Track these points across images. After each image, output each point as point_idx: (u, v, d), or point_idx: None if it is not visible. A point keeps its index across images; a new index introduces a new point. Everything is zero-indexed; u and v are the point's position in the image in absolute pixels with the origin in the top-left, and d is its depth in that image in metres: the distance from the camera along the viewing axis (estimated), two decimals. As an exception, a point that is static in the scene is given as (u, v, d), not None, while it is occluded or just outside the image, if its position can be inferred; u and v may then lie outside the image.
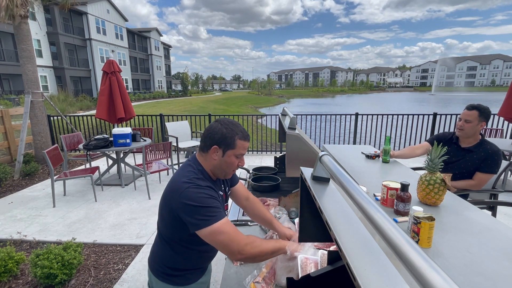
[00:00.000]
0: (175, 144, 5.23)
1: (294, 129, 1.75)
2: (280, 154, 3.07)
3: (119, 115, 4.73)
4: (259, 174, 2.42)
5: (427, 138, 2.60)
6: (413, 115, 5.99)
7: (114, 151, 4.45)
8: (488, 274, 0.96)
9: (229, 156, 1.13)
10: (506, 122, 4.77)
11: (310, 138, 4.97)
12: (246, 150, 1.18)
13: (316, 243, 1.30)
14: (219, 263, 2.56)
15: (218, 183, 1.26)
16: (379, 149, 2.74)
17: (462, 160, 2.21)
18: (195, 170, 1.13)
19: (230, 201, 1.49)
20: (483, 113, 2.14)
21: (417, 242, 1.13)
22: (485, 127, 2.23)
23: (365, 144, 5.99)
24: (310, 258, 1.17)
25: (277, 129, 3.00)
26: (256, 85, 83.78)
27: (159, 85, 42.06)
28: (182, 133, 5.67)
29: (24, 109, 5.37)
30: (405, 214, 1.41)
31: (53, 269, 2.14)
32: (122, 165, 4.68)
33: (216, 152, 1.13)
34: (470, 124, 2.14)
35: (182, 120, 6.14)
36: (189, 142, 5.72)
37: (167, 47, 48.17)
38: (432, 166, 1.54)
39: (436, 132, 5.90)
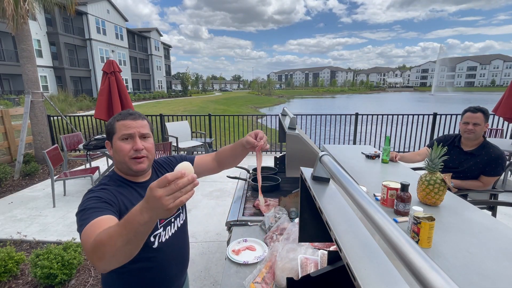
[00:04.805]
0: (175, 144, 5.23)
1: (294, 129, 1.75)
2: (280, 154, 3.07)
3: (117, 116, 4.73)
4: (259, 174, 2.41)
5: (427, 143, 2.63)
6: (413, 115, 5.99)
7: (114, 151, 4.44)
8: (488, 274, 0.96)
9: (115, 143, 1.00)
10: (506, 122, 4.77)
11: (310, 138, 4.97)
12: (132, 129, 0.99)
13: (316, 243, 1.30)
14: (219, 263, 2.56)
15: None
16: (379, 149, 2.74)
17: (466, 166, 2.22)
18: (102, 179, 1.05)
19: (229, 202, 1.47)
20: (486, 114, 2.19)
21: (417, 242, 1.13)
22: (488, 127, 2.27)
23: (365, 144, 5.99)
24: (310, 258, 1.17)
25: (277, 129, 3.00)
26: (256, 85, 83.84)
27: (159, 85, 42.06)
28: (182, 133, 5.67)
29: (24, 109, 5.37)
30: (405, 214, 1.42)
31: (53, 269, 2.14)
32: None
33: (110, 148, 1.04)
34: (480, 126, 2.17)
35: (182, 120, 6.14)
36: (189, 142, 5.72)
37: (167, 47, 48.18)
38: (432, 166, 1.54)
39: (436, 132, 5.90)
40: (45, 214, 3.56)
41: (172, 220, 1.14)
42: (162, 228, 1.08)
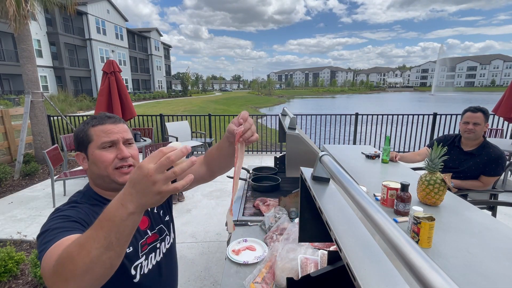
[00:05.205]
0: (175, 144, 5.23)
1: (294, 129, 1.75)
2: (280, 154, 3.07)
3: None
4: (259, 174, 2.42)
5: (427, 143, 2.63)
6: (413, 115, 5.99)
7: (114, 151, 4.44)
8: (488, 274, 0.96)
9: (92, 154, 0.84)
10: (506, 122, 4.77)
11: (310, 138, 4.96)
12: (115, 134, 0.85)
13: (316, 243, 1.30)
14: (219, 263, 2.56)
15: None
16: (379, 149, 2.74)
17: (466, 166, 2.22)
18: (73, 195, 0.90)
19: (228, 202, 1.32)
20: (486, 114, 2.19)
21: (417, 242, 1.13)
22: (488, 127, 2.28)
23: (365, 144, 5.99)
24: (310, 258, 1.17)
25: (277, 129, 3.00)
26: (256, 85, 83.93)
27: (159, 85, 42.08)
28: (182, 133, 5.67)
29: (24, 109, 5.37)
30: (405, 214, 1.42)
31: (53, 269, 2.14)
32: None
33: (82, 160, 0.88)
34: (480, 126, 2.17)
35: (182, 120, 6.14)
36: (189, 142, 5.71)
37: (167, 47, 48.20)
38: (432, 166, 1.54)
39: (436, 132, 5.90)
40: (45, 214, 3.56)
41: (157, 245, 0.97)
42: (144, 257, 0.91)
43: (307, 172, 0.83)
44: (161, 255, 0.99)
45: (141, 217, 0.53)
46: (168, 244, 1.03)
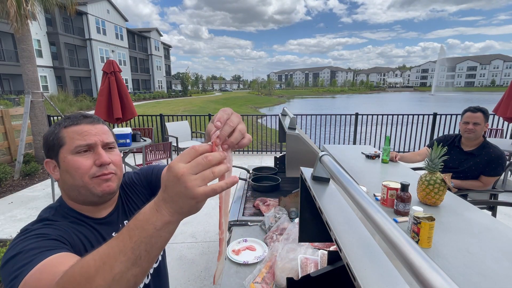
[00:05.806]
0: (175, 144, 5.23)
1: (294, 129, 1.75)
2: (280, 154, 3.07)
3: (116, 115, 4.73)
4: (259, 174, 2.42)
5: (427, 143, 2.63)
6: (413, 115, 5.99)
7: (114, 151, 4.43)
8: (488, 274, 0.96)
9: (64, 160, 0.71)
10: (506, 122, 4.77)
11: (310, 138, 4.97)
12: (92, 137, 0.73)
13: (316, 243, 1.30)
14: (219, 263, 2.56)
15: (116, 217, 0.83)
16: (379, 149, 2.75)
17: (466, 166, 2.22)
18: (43, 212, 0.74)
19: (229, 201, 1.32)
20: (486, 114, 2.19)
21: (417, 242, 1.13)
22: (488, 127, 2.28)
23: (365, 144, 5.99)
24: (310, 258, 1.17)
25: (277, 129, 3.00)
26: (256, 85, 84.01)
27: (159, 85, 42.11)
28: (182, 133, 5.67)
29: (24, 109, 5.37)
30: (405, 214, 1.42)
31: (53, 269, 2.14)
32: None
33: (53, 169, 0.74)
34: (480, 126, 2.17)
35: (182, 120, 6.15)
36: (189, 142, 5.72)
37: (167, 47, 48.23)
38: (432, 166, 1.54)
39: (436, 132, 5.90)
40: (45, 214, 3.56)
41: None
42: None
43: (307, 172, 0.83)
44: (149, 277, 0.88)
45: (177, 226, 0.45)
46: (156, 263, 0.92)
